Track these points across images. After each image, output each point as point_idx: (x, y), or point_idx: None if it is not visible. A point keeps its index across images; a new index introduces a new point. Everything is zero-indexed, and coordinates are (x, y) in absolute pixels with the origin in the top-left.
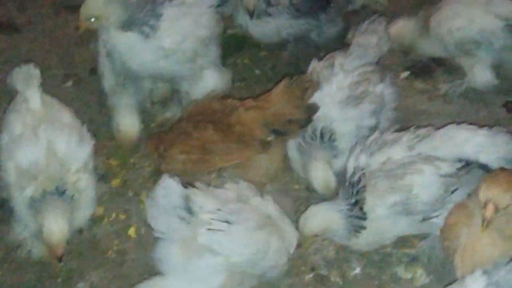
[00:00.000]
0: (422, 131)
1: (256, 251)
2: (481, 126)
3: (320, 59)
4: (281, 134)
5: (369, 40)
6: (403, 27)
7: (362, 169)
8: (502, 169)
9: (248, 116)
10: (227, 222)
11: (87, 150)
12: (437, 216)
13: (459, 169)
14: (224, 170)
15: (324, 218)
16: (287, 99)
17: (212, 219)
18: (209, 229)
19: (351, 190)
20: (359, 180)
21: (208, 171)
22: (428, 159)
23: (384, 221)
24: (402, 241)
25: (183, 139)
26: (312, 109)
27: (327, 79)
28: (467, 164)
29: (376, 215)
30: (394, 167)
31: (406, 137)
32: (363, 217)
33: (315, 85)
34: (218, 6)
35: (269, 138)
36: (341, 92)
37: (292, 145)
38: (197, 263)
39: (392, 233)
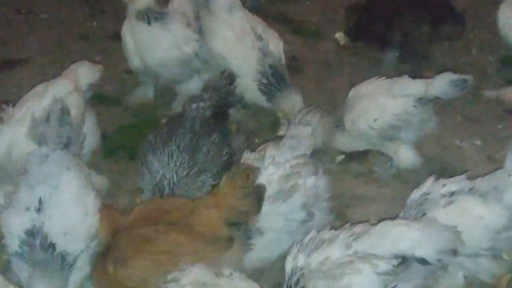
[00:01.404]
0: (358, 228)
1: None
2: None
3: (253, 149)
4: (238, 225)
5: (303, 132)
6: None
7: (301, 270)
8: None
9: (209, 215)
10: None
11: None
12: None
13: (396, 266)
14: None
15: None
16: (234, 191)
17: None
18: None
19: None
20: (297, 281)
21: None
22: (365, 257)
23: None
24: None
25: (148, 246)
26: (261, 191)
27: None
28: (404, 260)
29: None
30: (332, 267)
31: (343, 235)
32: None
33: (255, 169)
34: None
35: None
36: (270, 187)
37: None
38: None
39: None
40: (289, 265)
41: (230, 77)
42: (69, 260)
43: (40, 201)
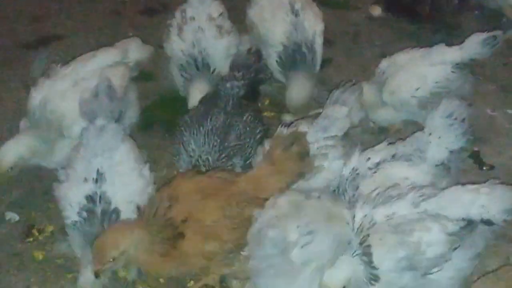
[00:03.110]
0: (427, 190)
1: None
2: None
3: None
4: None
5: (338, 112)
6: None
7: (369, 221)
8: None
9: (275, 182)
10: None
11: None
12: (436, 273)
13: (462, 228)
14: None
15: (348, 270)
16: (290, 155)
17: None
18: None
19: (359, 241)
20: (361, 230)
21: None
22: (436, 217)
23: (391, 275)
24: None
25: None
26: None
27: None
28: (470, 223)
29: (384, 269)
30: (401, 222)
31: (411, 195)
32: (375, 267)
33: (304, 133)
34: None
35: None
36: None
37: None
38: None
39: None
40: (358, 216)
41: (258, 54)
42: None
43: (98, 172)
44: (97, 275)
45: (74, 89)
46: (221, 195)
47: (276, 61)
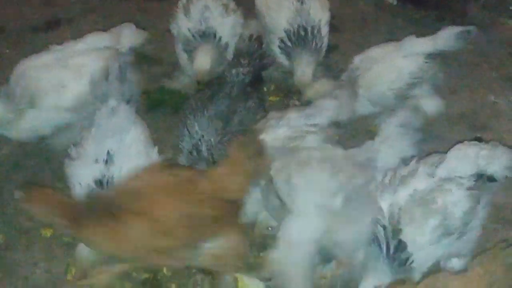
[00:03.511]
0: (434, 158)
1: None
2: None
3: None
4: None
5: (326, 104)
6: (321, 89)
7: (397, 207)
8: None
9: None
10: None
11: None
12: (470, 231)
13: (476, 181)
14: None
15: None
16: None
17: None
18: None
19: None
20: (393, 217)
21: None
22: (450, 179)
23: (429, 248)
24: None
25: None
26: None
27: (270, 128)
28: (480, 177)
29: (417, 245)
30: (424, 195)
31: (422, 167)
32: (405, 247)
33: (259, 131)
34: None
35: None
36: (275, 142)
37: None
38: None
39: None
40: (384, 206)
41: (259, 40)
42: None
43: (108, 153)
44: None
45: (55, 63)
46: (182, 194)
47: (279, 47)
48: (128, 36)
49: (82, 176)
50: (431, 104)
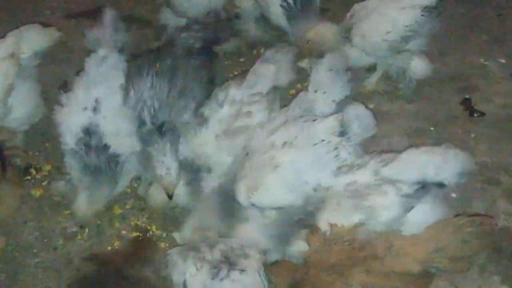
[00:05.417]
0: (388, 155)
1: None
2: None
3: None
4: None
5: (264, 69)
6: (323, 32)
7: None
8: None
9: None
10: None
11: None
12: None
13: (417, 190)
14: None
15: None
16: None
17: None
18: None
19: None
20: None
21: None
22: (391, 181)
23: None
24: None
25: None
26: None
27: (212, 112)
28: (424, 185)
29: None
30: (359, 188)
31: (373, 162)
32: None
33: None
34: None
35: None
36: (220, 124)
37: None
38: None
39: None
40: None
41: (217, 14)
42: (120, 161)
43: (96, 101)
44: None
45: None
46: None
47: (281, 5)
48: (33, 39)
49: (71, 123)
50: (420, 65)
